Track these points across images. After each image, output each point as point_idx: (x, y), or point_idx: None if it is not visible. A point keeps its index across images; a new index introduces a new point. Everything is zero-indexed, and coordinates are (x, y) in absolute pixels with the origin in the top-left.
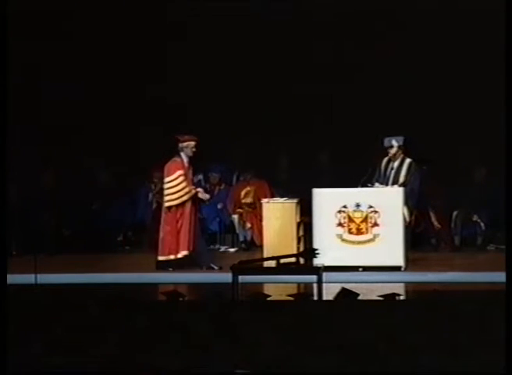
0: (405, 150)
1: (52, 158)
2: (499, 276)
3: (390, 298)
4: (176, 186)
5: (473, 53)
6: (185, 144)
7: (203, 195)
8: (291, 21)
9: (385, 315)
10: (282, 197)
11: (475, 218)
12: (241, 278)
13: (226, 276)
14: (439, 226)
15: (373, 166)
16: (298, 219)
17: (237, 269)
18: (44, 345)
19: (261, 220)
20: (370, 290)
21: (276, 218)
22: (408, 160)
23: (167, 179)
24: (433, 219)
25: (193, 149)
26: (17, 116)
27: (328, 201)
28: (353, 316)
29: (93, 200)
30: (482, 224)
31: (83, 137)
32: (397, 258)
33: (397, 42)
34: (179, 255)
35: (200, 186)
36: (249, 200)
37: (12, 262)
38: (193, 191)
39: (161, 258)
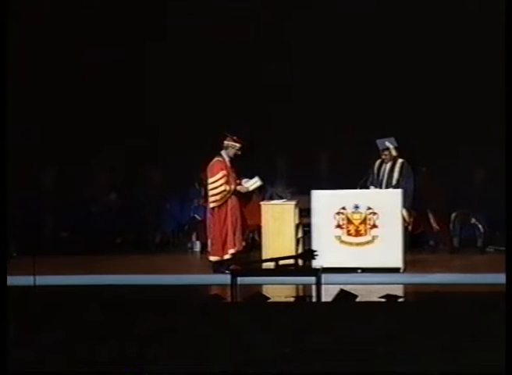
0: (398, 151)
1: (51, 159)
2: (498, 278)
3: (389, 299)
4: (219, 186)
5: (473, 52)
6: (231, 143)
7: (241, 188)
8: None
9: (384, 316)
10: (280, 198)
11: (474, 220)
12: (240, 280)
13: (225, 278)
14: (437, 227)
15: (371, 169)
16: (297, 221)
17: (236, 271)
18: (42, 346)
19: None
20: (369, 291)
21: (275, 219)
22: (400, 161)
23: (210, 179)
24: (432, 220)
25: (237, 152)
26: (17, 117)
27: (326, 202)
28: (352, 318)
29: (92, 201)
30: (481, 226)
31: (83, 137)
32: (396, 259)
33: (397, 42)
34: (228, 255)
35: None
36: None
37: (11, 263)
38: (233, 187)
39: (213, 258)
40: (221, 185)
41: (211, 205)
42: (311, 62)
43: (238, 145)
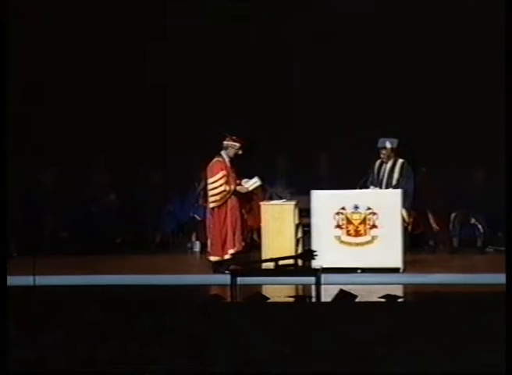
0: (398, 151)
1: (51, 159)
2: (498, 278)
3: (389, 299)
4: (219, 186)
5: (473, 52)
6: (230, 143)
7: (241, 188)
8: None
9: (384, 316)
10: (280, 199)
11: (473, 220)
12: (240, 280)
13: (225, 278)
14: (437, 227)
15: (371, 169)
16: (296, 221)
17: (236, 271)
18: (42, 346)
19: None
20: (368, 291)
21: (275, 220)
22: (400, 161)
23: (210, 179)
24: (431, 220)
25: (237, 151)
26: (15, 117)
27: (326, 202)
28: (352, 318)
29: (92, 201)
30: (480, 226)
31: (82, 137)
32: (395, 259)
33: (397, 43)
34: (228, 255)
35: None
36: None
37: (10, 263)
38: (233, 188)
39: (213, 258)
40: (221, 185)
41: (211, 205)
42: (311, 62)
43: (238, 145)
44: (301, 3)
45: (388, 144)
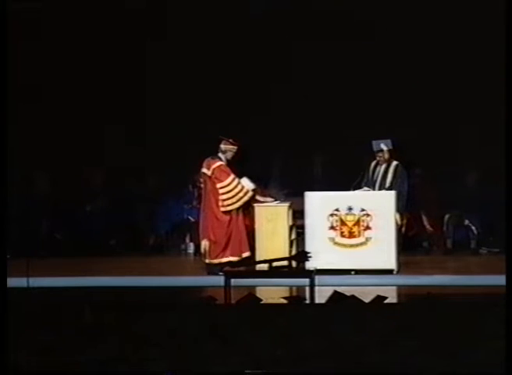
0: (393, 153)
1: (45, 161)
2: (492, 279)
3: (382, 300)
4: (233, 189)
5: (469, 53)
6: (229, 146)
7: (264, 198)
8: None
9: (378, 317)
10: (274, 200)
11: (467, 221)
12: (234, 281)
13: (219, 280)
14: (431, 229)
15: (366, 170)
16: (290, 223)
17: (230, 273)
18: (37, 347)
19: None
20: (362, 293)
21: (268, 221)
22: (395, 163)
23: (223, 183)
24: (425, 222)
25: (234, 154)
26: (13, 119)
27: (320, 204)
28: (346, 319)
29: (86, 203)
30: (474, 228)
31: (78, 138)
32: (389, 261)
33: (393, 44)
34: (232, 259)
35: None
36: None
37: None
38: (251, 193)
39: (214, 261)
40: (235, 187)
41: (225, 208)
42: (308, 63)
43: (236, 148)
44: (299, 5)
45: (384, 147)
